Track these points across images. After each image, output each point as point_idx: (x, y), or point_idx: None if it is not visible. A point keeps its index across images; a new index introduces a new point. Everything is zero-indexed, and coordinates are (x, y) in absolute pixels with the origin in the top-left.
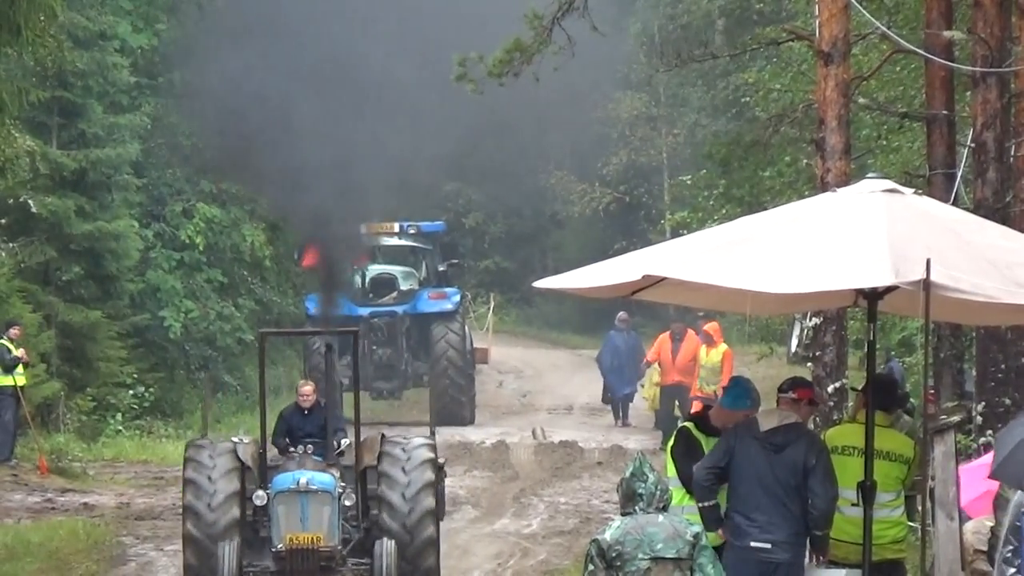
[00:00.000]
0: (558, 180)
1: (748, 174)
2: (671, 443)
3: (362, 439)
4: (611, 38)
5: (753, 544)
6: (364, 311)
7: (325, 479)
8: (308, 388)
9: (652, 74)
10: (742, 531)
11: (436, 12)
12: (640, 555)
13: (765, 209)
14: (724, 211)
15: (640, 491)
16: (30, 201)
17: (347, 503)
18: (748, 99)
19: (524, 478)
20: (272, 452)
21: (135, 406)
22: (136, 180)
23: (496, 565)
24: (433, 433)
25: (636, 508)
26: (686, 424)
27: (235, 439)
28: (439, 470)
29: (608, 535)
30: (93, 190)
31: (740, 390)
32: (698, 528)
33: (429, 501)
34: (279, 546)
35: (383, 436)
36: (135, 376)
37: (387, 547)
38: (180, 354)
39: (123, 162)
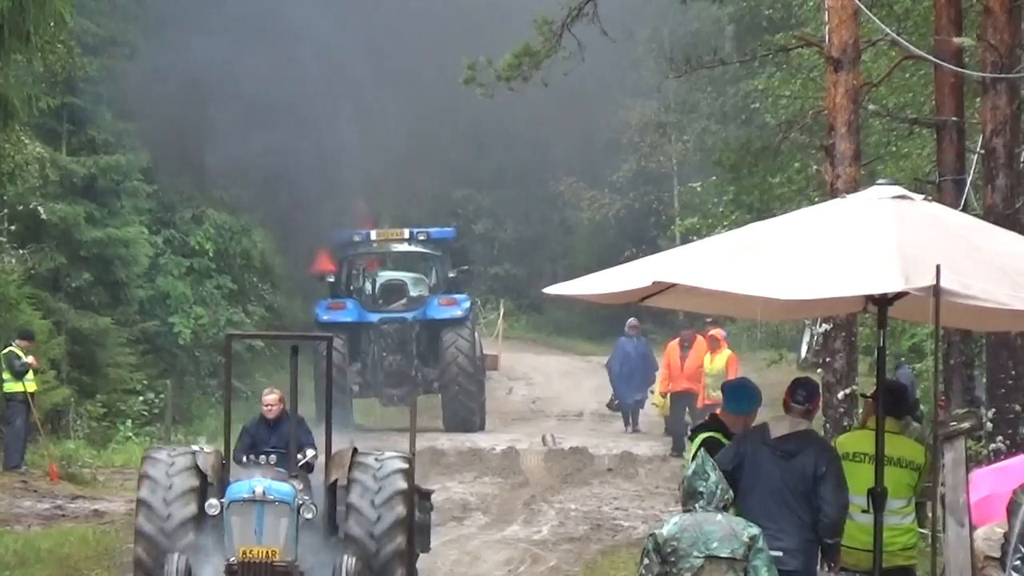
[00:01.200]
0: (567, 186)
1: (758, 180)
2: (693, 453)
3: (332, 452)
4: (621, 44)
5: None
6: (374, 317)
7: (283, 488)
8: (272, 397)
9: (662, 80)
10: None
11: (445, 17)
12: (695, 552)
13: (775, 215)
14: (734, 217)
15: (701, 489)
16: (39, 208)
17: (308, 516)
18: (758, 105)
19: (534, 484)
20: (234, 467)
21: (145, 412)
22: (146, 186)
23: (507, 572)
24: (413, 454)
25: (696, 506)
26: (711, 433)
27: (195, 447)
28: (425, 498)
29: (665, 530)
30: (103, 196)
31: (740, 393)
32: (756, 530)
33: (400, 510)
34: (231, 559)
35: (355, 450)
36: (145, 382)
37: (346, 563)
38: (190, 360)
39: (133, 168)
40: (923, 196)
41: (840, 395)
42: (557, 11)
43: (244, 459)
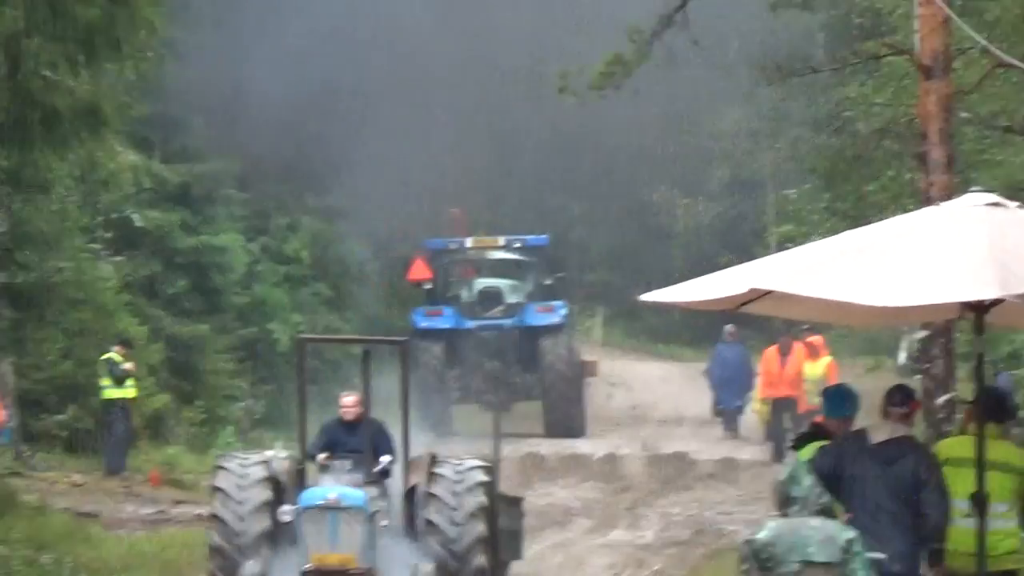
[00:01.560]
0: (661, 194)
1: (852, 188)
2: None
3: (411, 458)
4: (712, 52)
5: (868, 555)
6: (472, 324)
7: (357, 495)
8: (350, 399)
9: (753, 88)
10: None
11: (538, 25)
12: (792, 558)
13: (869, 223)
14: (829, 225)
15: (796, 495)
16: (134, 215)
17: (383, 523)
18: (850, 113)
19: (636, 489)
20: (310, 469)
21: (244, 419)
22: (240, 194)
23: (612, 575)
24: (498, 459)
25: (792, 511)
26: (823, 443)
27: (270, 453)
28: (515, 505)
29: (762, 536)
30: (197, 204)
31: (840, 398)
32: (853, 534)
33: (480, 527)
34: (306, 567)
35: (434, 456)
36: (244, 388)
37: (423, 570)
38: (288, 367)
39: (227, 176)
40: (1017, 204)
41: (939, 401)
42: (647, 19)
43: (320, 458)
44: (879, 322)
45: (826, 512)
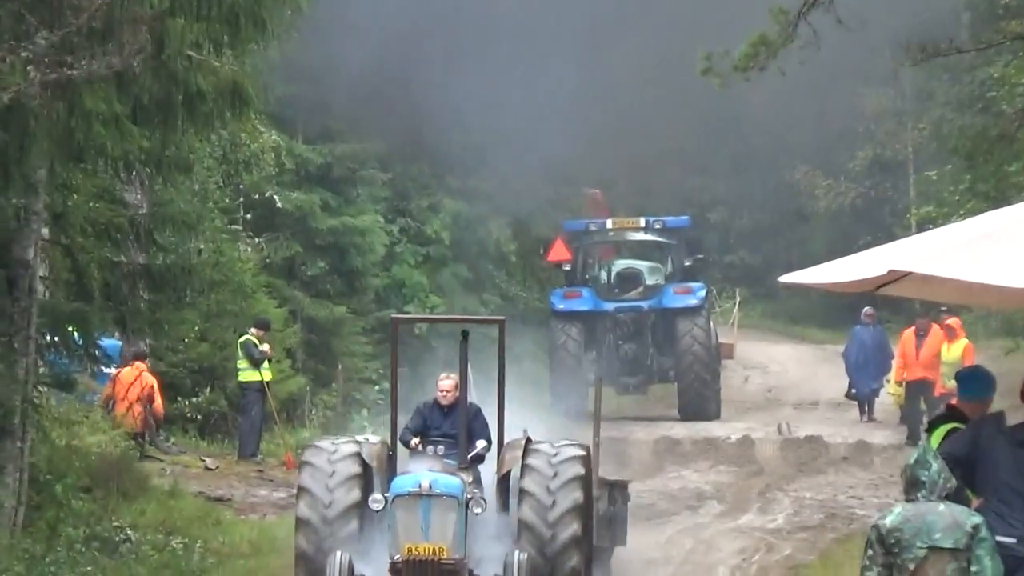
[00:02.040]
0: (803, 175)
1: (994, 169)
2: (939, 442)
3: (506, 442)
4: (856, 33)
5: (999, 539)
6: (610, 306)
7: (451, 482)
8: (448, 383)
9: (897, 68)
10: (990, 526)
11: (680, 6)
12: (918, 543)
13: (1011, 203)
14: (970, 206)
15: (923, 479)
16: (275, 196)
17: (476, 511)
18: (994, 94)
19: (769, 473)
20: (402, 452)
21: (380, 402)
22: (382, 175)
23: (741, 560)
24: (598, 440)
25: (918, 495)
26: (957, 425)
27: (360, 438)
28: (621, 489)
29: (888, 521)
30: (338, 185)
31: (974, 379)
32: (979, 520)
33: (574, 527)
34: (396, 557)
35: (528, 440)
36: (380, 372)
37: (518, 559)
38: (426, 350)
39: (368, 157)
40: None
41: None
42: (793, 1)
43: (412, 443)
44: (1018, 303)
45: (953, 497)
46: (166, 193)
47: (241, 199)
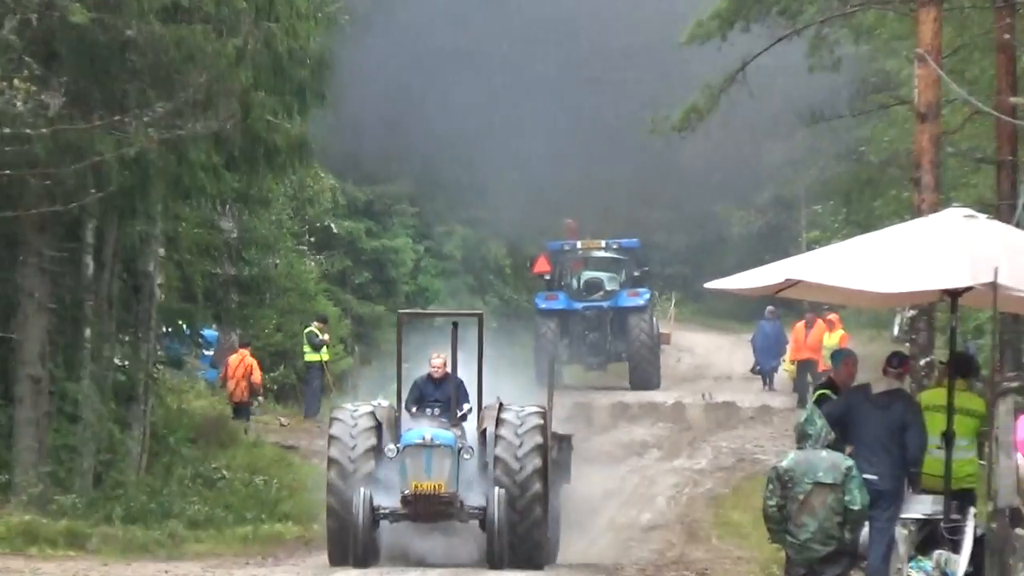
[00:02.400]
0: (722, 208)
1: (864, 204)
2: (813, 403)
3: (483, 407)
4: (763, 102)
5: (865, 476)
6: (579, 305)
7: (447, 435)
8: (439, 361)
9: (793, 129)
10: (858, 468)
11: (632, 90)
12: (806, 479)
13: (876, 230)
14: (846, 231)
15: (810, 432)
16: (332, 224)
17: (466, 457)
18: (864, 148)
19: (695, 428)
20: (405, 414)
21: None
22: (411, 208)
23: (675, 492)
24: (550, 404)
25: (807, 445)
26: (823, 390)
27: (374, 403)
28: (566, 440)
29: (784, 463)
30: (379, 216)
31: (838, 352)
32: (851, 463)
33: (537, 461)
34: (406, 491)
35: (501, 404)
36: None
37: (498, 495)
38: (442, 338)
39: (402, 195)
40: (986, 216)
41: (922, 362)
42: (716, 78)
43: (413, 409)
44: (881, 303)
45: (832, 446)
46: (251, 222)
47: (306, 226)
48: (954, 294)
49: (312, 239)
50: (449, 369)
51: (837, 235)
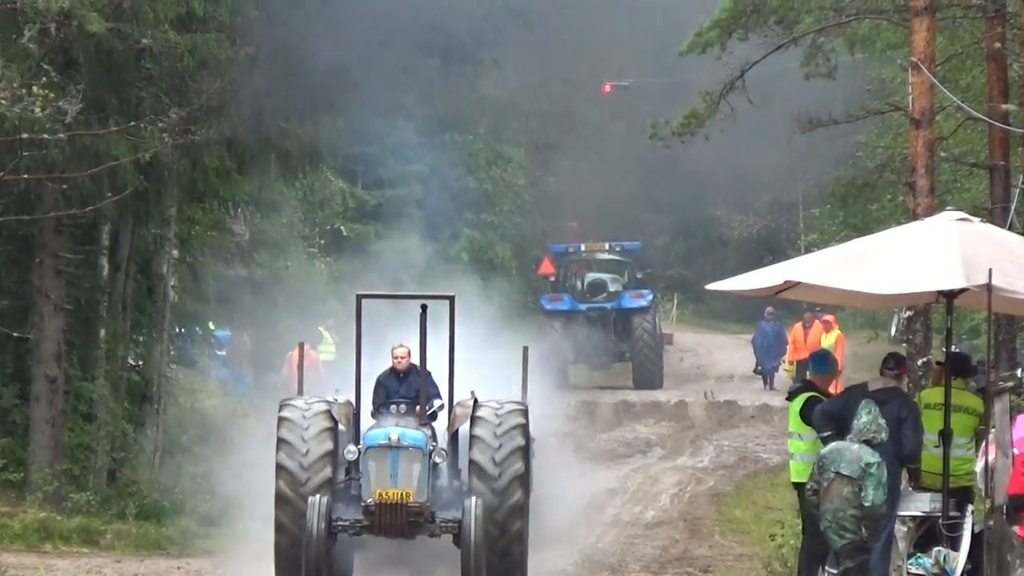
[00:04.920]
0: (722, 212)
1: (860, 208)
2: (799, 407)
3: (455, 402)
4: (761, 108)
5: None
6: (583, 306)
7: (416, 436)
8: (402, 351)
9: (791, 135)
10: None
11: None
12: (831, 468)
13: (872, 233)
14: (843, 234)
15: (853, 426)
16: (341, 227)
17: (437, 460)
18: (860, 153)
19: (698, 427)
20: (364, 411)
21: None
22: (418, 211)
23: (678, 490)
24: (525, 397)
25: (848, 437)
26: (812, 394)
27: (329, 399)
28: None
29: (824, 451)
30: (387, 219)
31: (820, 360)
32: (875, 459)
33: (518, 466)
34: (368, 500)
35: (476, 400)
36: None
37: (474, 505)
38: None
39: (410, 199)
40: (979, 219)
41: (919, 362)
42: (716, 85)
43: (380, 409)
44: (878, 304)
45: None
46: (262, 224)
47: (317, 229)
48: (949, 295)
49: (322, 241)
50: (417, 360)
51: (834, 238)
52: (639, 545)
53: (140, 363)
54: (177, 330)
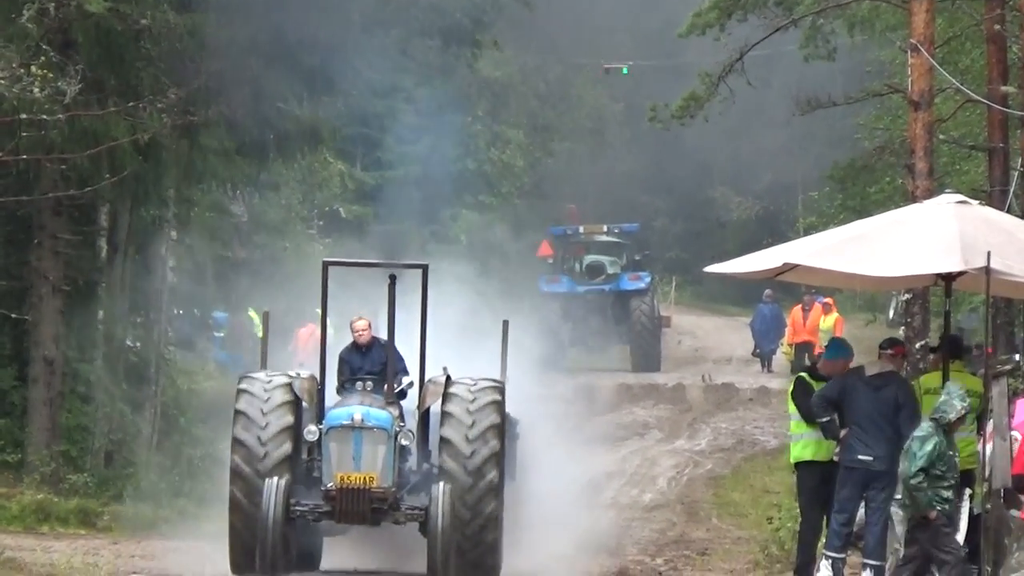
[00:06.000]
0: (721, 193)
1: (859, 190)
2: (791, 388)
3: (427, 379)
4: (761, 90)
5: (860, 457)
6: (582, 288)
7: (381, 415)
8: (362, 323)
9: (790, 116)
10: (853, 448)
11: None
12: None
13: (871, 215)
14: (841, 217)
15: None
16: (340, 208)
17: (404, 442)
18: (859, 135)
19: (696, 410)
20: (330, 388)
21: None
22: (417, 193)
23: (676, 473)
24: (504, 376)
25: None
26: (801, 374)
27: (291, 373)
28: (511, 425)
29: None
30: (387, 201)
31: (838, 347)
32: (919, 434)
33: (493, 443)
34: (329, 485)
35: (448, 377)
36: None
37: (443, 490)
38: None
39: (408, 180)
40: (978, 202)
41: (918, 345)
42: (715, 66)
43: (345, 385)
44: (876, 287)
45: (826, 427)
46: (261, 206)
47: (315, 210)
48: (948, 278)
49: (321, 223)
50: (385, 334)
51: (833, 220)
52: (636, 528)
53: (138, 344)
54: (176, 312)
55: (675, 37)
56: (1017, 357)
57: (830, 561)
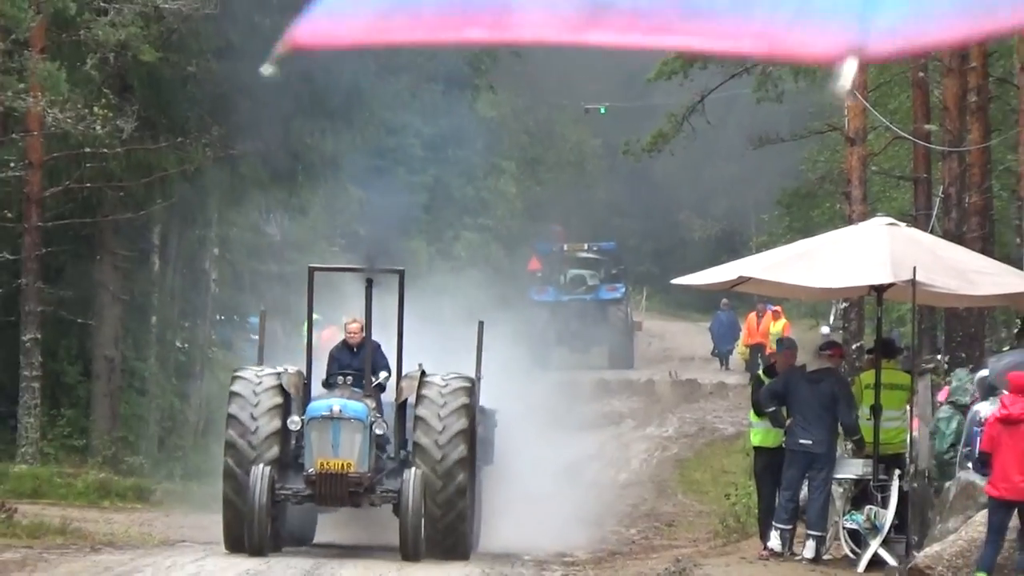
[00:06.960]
0: (685, 216)
1: (803, 213)
2: (752, 384)
3: (403, 375)
4: (720, 128)
5: (802, 441)
6: (566, 298)
7: (357, 407)
8: (355, 325)
9: (744, 150)
10: (795, 433)
11: (614, 116)
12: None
13: (814, 236)
14: (788, 236)
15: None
16: (359, 229)
17: (379, 432)
18: (804, 167)
19: (664, 402)
20: (315, 381)
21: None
22: (425, 216)
23: (647, 455)
24: (479, 374)
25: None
26: (758, 373)
27: (280, 369)
28: (488, 415)
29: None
30: (400, 222)
31: (785, 342)
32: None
33: (461, 448)
34: (310, 470)
35: (423, 374)
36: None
37: (413, 476)
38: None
39: (416, 205)
40: (906, 224)
41: (854, 347)
42: (680, 107)
43: (330, 380)
44: (818, 297)
45: (775, 417)
46: (291, 226)
47: (337, 229)
48: (880, 289)
49: (343, 241)
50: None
51: (781, 239)
52: (614, 503)
53: (186, 345)
54: (218, 318)
55: (645, 82)
56: (939, 357)
57: (779, 531)
